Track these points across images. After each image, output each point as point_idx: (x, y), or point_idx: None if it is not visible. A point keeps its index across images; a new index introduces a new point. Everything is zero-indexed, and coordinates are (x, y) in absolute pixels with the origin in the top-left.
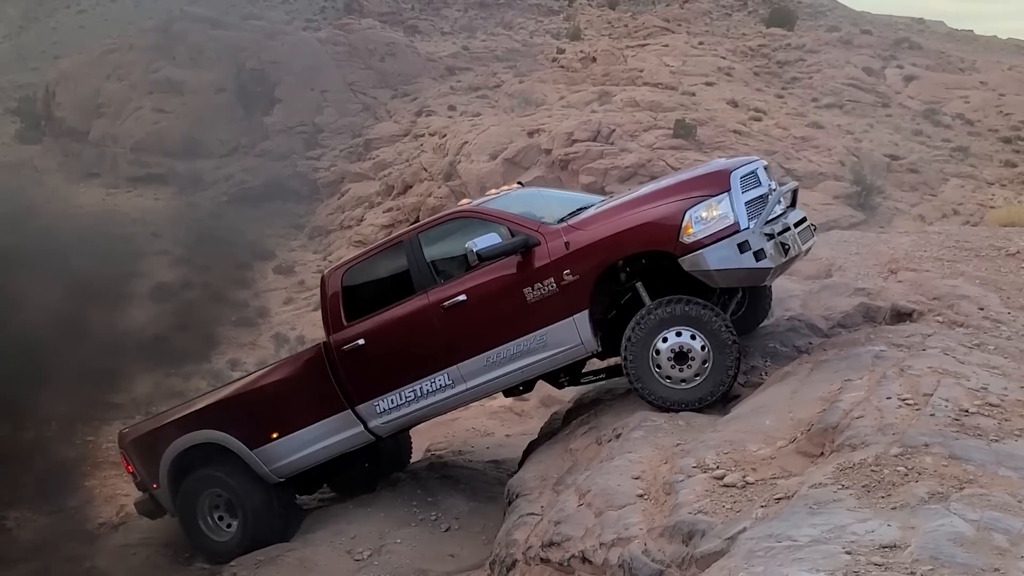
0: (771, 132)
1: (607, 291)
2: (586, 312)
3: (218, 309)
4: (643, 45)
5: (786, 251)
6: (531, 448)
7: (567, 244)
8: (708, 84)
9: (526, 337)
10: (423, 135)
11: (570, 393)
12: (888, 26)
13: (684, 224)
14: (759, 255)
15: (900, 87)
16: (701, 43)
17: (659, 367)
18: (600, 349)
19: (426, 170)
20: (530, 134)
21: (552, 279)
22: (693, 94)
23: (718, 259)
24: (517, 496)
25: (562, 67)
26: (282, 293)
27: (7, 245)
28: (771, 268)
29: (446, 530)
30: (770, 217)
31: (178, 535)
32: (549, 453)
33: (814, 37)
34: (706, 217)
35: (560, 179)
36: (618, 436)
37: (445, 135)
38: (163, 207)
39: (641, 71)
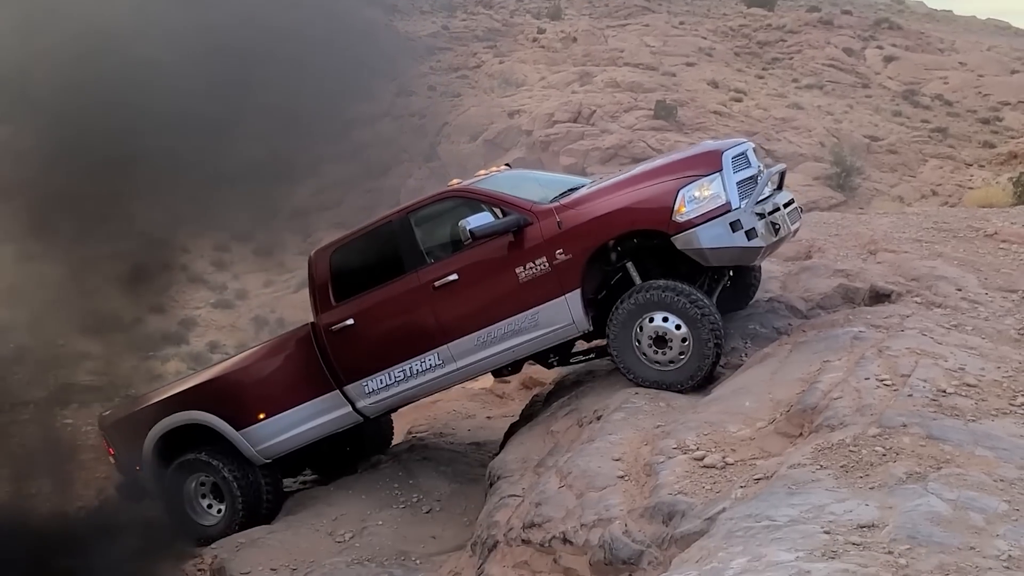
0: (752, 113)
1: (598, 271)
2: (578, 291)
3: (197, 291)
4: (624, 25)
5: (776, 230)
6: (512, 430)
7: (559, 223)
8: (689, 64)
9: (518, 316)
10: (402, 116)
11: (552, 375)
12: (868, 6)
13: (677, 203)
14: (751, 234)
15: (880, 68)
16: (682, 23)
17: (641, 350)
18: (591, 328)
19: (406, 151)
20: (511, 115)
21: (544, 258)
22: (674, 75)
23: (711, 238)
24: (499, 478)
25: (543, 47)
26: (261, 275)
27: None
28: (762, 247)
29: (427, 512)
30: (760, 198)
31: (159, 516)
32: (530, 435)
33: (795, 18)
34: (699, 196)
35: (541, 160)
36: (599, 418)
37: (425, 116)
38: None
39: (622, 51)
